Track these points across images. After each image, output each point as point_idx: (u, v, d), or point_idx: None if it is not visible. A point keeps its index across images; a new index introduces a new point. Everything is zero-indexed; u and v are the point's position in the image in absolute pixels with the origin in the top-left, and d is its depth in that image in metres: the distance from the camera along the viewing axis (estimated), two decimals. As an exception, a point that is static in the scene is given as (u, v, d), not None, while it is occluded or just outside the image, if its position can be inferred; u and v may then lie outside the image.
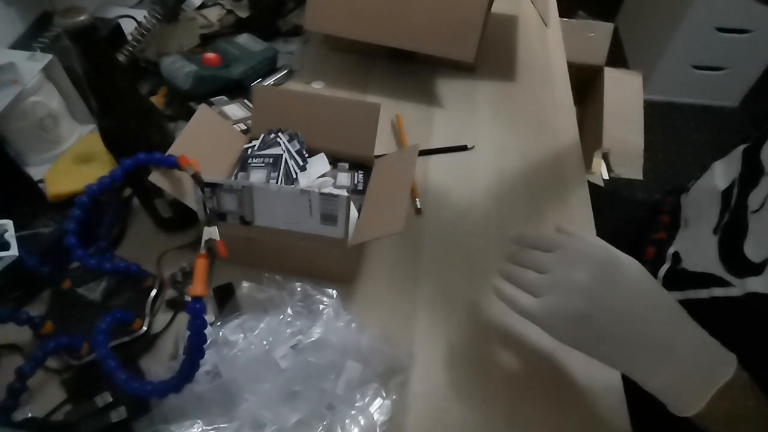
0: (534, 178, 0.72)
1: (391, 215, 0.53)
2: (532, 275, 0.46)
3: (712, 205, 0.59)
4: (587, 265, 0.44)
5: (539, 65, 0.90)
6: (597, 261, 0.44)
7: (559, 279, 0.44)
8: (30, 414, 0.48)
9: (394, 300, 0.59)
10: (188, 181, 0.53)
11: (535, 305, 0.44)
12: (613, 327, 0.42)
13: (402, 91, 0.82)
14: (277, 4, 0.90)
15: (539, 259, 0.47)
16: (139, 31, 0.77)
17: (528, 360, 0.55)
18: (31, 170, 0.65)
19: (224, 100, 0.75)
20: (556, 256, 0.46)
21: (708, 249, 0.55)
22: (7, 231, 0.46)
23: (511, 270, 0.48)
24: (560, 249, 0.46)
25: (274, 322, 0.51)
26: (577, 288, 0.43)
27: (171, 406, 0.45)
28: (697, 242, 0.59)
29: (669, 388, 0.41)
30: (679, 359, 0.40)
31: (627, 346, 0.42)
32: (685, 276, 0.58)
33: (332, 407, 0.47)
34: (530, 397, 0.52)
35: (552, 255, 0.46)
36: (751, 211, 0.51)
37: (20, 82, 0.63)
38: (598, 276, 0.43)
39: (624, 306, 0.42)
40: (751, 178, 0.54)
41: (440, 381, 0.53)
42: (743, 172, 0.57)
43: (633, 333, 0.42)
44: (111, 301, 0.55)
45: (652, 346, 0.41)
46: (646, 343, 0.41)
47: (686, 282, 0.56)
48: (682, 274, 0.58)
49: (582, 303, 0.43)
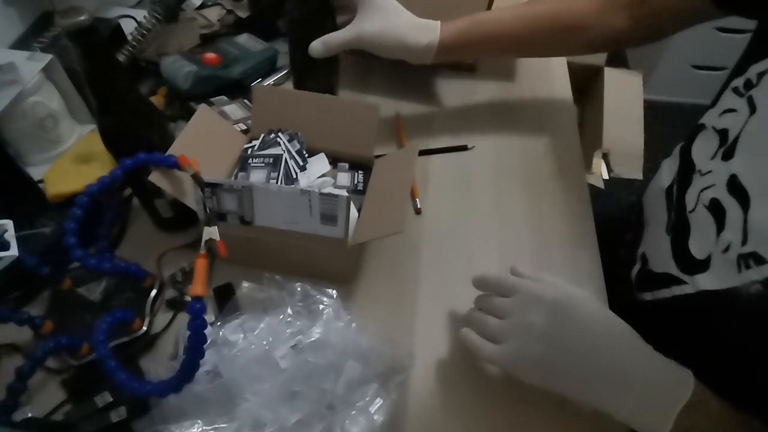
0: (534, 178, 0.72)
1: (391, 215, 0.53)
2: (492, 321, 0.48)
3: (660, 204, 0.60)
4: (541, 308, 0.45)
5: (539, 65, 0.89)
6: (550, 303, 0.45)
7: (517, 324, 0.46)
8: (30, 414, 0.48)
9: (394, 300, 0.59)
10: (188, 181, 0.53)
11: (497, 352, 0.46)
12: (573, 365, 0.43)
13: (402, 91, 0.82)
14: (277, 4, 0.90)
15: (499, 305, 0.48)
16: (139, 31, 0.77)
17: (528, 360, 0.55)
18: (31, 170, 0.65)
19: (224, 100, 0.75)
20: (514, 301, 0.47)
21: (664, 249, 0.56)
22: (7, 231, 0.47)
23: (473, 317, 0.50)
24: (517, 293, 0.48)
25: (274, 322, 0.51)
26: (534, 332, 0.45)
27: (171, 406, 0.45)
28: (654, 242, 0.60)
29: (635, 415, 0.42)
30: (640, 386, 0.41)
31: (589, 382, 0.43)
32: (651, 276, 0.58)
33: (332, 407, 0.47)
34: (530, 397, 0.52)
35: (510, 300, 0.48)
36: (689, 211, 0.52)
37: (20, 82, 0.63)
38: (551, 318, 0.45)
39: (579, 344, 0.44)
40: (685, 176, 0.55)
41: (440, 381, 0.53)
42: (679, 170, 0.58)
43: (592, 368, 0.43)
44: (111, 301, 0.55)
45: (611, 378, 0.42)
46: (606, 375, 0.43)
47: (654, 282, 0.57)
48: (650, 275, 0.59)
49: (539, 346, 0.44)
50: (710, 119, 0.54)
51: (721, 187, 0.48)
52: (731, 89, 0.52)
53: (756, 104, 0.47)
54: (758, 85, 0.47)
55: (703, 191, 0.50)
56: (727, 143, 0.49)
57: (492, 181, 0.71)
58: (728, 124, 0.50)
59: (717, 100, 0.54)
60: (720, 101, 0.53)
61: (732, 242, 0.45)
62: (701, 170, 0.52)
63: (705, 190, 0.50)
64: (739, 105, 0.49)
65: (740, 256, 0.44)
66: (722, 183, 0.47)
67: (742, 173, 0.46)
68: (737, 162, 0.47)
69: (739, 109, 0.49)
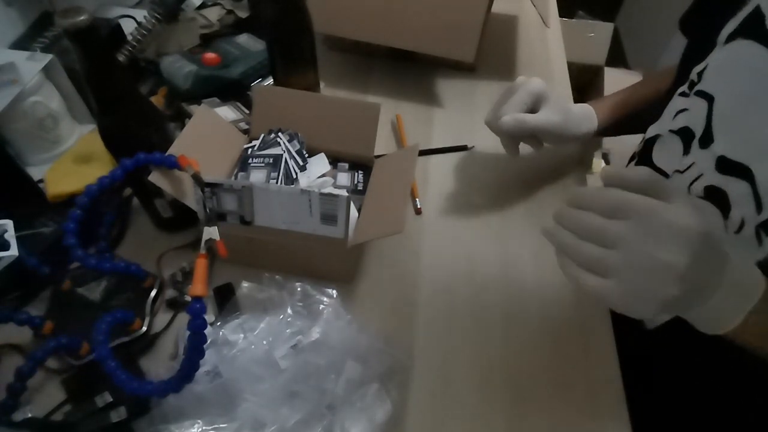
0: (534, 178, 0.72)
1: (391, 215, 0.53)
2: (595, 251, 0.37)
3: None
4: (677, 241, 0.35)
5: (539, 65, 0.90)
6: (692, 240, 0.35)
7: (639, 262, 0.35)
8: (30, 414, 0.48)
9: (394, 300, 0.59)
10: (188, 181, 0.53)
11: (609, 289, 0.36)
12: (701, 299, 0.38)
13: (402, 91, 0.82)
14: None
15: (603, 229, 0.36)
16: (139, 31, 0.77)
17: (528, 359, 0.55)
18: (31, 170, 0.65)
19: (216, 102, 0.75)
20: (632, 228, 0.35)
21: None
22: (7, 231, 0.47)
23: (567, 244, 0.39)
24: (636, 216, 0.36)
25: (274, 322, 0.51)
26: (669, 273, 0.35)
27: (171, 406, 0.45)
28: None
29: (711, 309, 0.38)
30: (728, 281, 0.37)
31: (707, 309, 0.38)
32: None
33: (332, 407, 0.47)
34: (530, 396, 0.52)
35: (622, 224, 0.36)
36: None
37: (20, 82, 0.63)
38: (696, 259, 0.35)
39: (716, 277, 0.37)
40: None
41: (440, 381, 0.53)
42: None
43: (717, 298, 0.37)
44: (111, 301, 0.55)
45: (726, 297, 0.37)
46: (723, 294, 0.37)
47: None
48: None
49: (674, 288, 0.35)
50: (662, 128, 0.56)
51: (710, 172, 0.48)
52: (678, 95, 0.54)
53: (711, 93, 0.49)
54: (702, 80, 0.50)
55: (692, 185, 0.50)
56: (697, 135, 0.50)
57: (492, 180, 0.71)
58: (685, 121, 0.52)
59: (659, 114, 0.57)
60: (667, 110, 0.56)
61: (745, 216, 0.45)
62: (679, 169, 0.52)
63: (693, 183, 0.50)
64: (689, 103, 0.51)
65: (759, 225, 0.44)
66: (710, 168, 0.48)
67: (730, 150, 0.46)
68: (720, 144, 0.47)
69: (691, 107, 0.51)
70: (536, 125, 0.60)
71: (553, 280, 0.61)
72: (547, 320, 0.57)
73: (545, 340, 0.56)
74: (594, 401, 0.52)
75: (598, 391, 0.53)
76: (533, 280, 0.61)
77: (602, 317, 0.58)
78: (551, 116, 0.61)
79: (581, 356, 0.55)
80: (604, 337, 0.56)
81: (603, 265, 0.36)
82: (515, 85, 0.62)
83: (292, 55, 0.68)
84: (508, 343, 0.56)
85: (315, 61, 0.70)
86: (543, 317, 0.58)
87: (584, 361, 0.55)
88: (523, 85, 0.61)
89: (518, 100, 0.60)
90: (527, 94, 0.60)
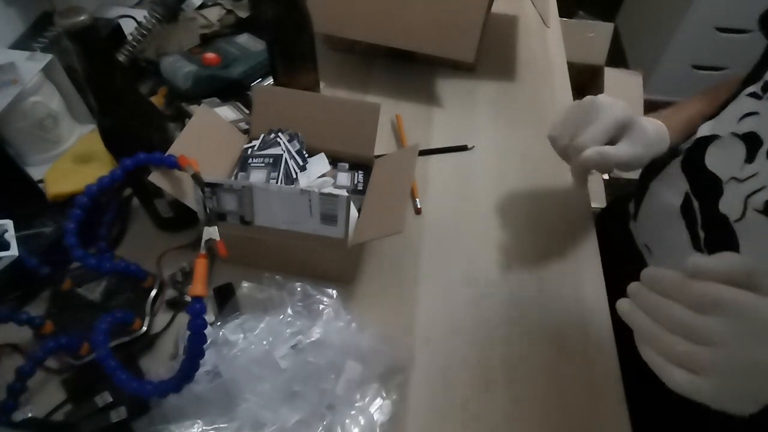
0: (534, 178, 0.72)
1: (391, 215, 0.53)
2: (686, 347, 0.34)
3: (673, 223, 0.57)
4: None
5: (539, 65, 0.90)
6: None
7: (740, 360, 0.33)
8: (30, 414, 0.48)
9: (394, 300, 0.59)
10: (188, 181, 0.53)
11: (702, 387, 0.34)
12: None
13: (402, 91, 0.82)
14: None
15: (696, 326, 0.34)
16: (139, 31, 0.77)
17: (529, 360, 0.55)
18: (31, 170, 0.65)
19: (216, 102, 0.75)
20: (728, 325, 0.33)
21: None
22: (7, 231, 0.47)
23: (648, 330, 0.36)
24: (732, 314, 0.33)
25: (274, 322, 0.51)
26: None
27: (171, 406, 0.45)
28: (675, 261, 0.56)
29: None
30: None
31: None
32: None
33: (332, 407, 0.47)
34: (531, 396, 0.52)
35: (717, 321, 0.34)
36: (734, 220, 0.49)
37: (20, 82, 0.63)
38: None
39: None
40: (708, 189, 0.53)
41: (440, 381, 0.53)
42: (693, 186, 0.55)
43: None
44: (111, 301, 0.55)
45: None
46: None
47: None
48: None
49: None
50: (721, 128, 0.52)
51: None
52: (746, 95, 0.50)
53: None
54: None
55: (751, 196, 0.47)
56: (766, 144, 0.47)
57: (492, 180, 0.71)
58: (754, 126, 0.48)
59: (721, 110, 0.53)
60: (732, 108, 0.51)
61: None
62: (738, 177, 0.49)
63: (753, 194, 0.47)
64: (761, 107, 0.48)
65: None
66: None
67: None
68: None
69: (763, 111, 0.48)
70: (620, 161, 0.53)
71: (553, 279, 0.61)
72: (547, 320, 0.58)
73: (545, 340, 0.56)
74: (594, 401, 0.52)
75: (598, 391, 0.53)
76: (533, 279, 0.61)
77: (602, 317, 0.58)
78: (636, 149, 0.53)
79: (581, 356, 0.55)
80: (604, 337, 0.56)
81: (695, 361, 0.34)
82: (597, 104, 0.52)
83: (292, 55, 0.68)
84: (508, 343, 0.56)
85: (315, 61, 0.71)
86: (543, 317, 0.58)
87: (584, 361, 0.55)
88: (607, 109, 0.52)
89: (603, 129, 0.51)
90: (614, 122, 0.51)
